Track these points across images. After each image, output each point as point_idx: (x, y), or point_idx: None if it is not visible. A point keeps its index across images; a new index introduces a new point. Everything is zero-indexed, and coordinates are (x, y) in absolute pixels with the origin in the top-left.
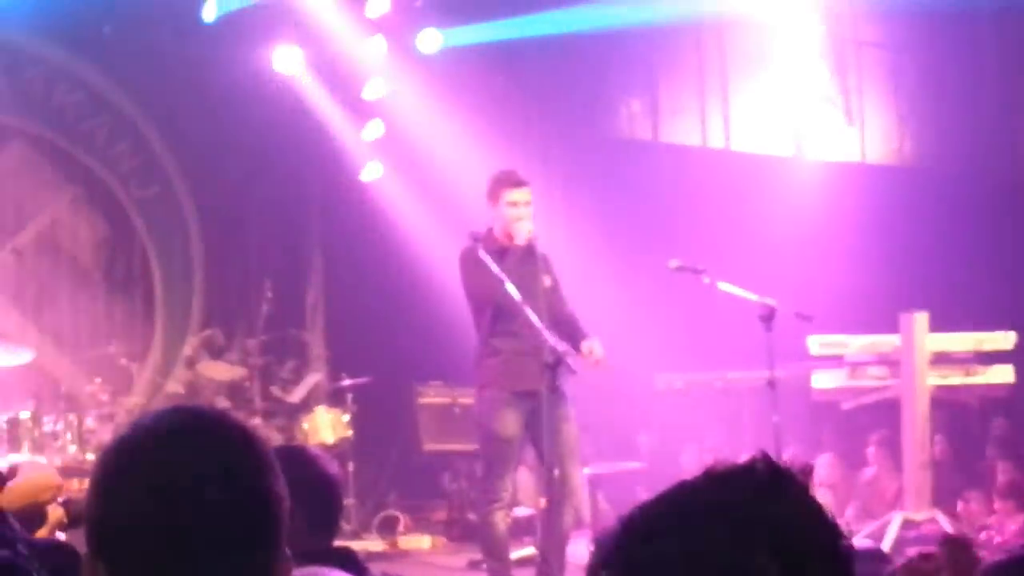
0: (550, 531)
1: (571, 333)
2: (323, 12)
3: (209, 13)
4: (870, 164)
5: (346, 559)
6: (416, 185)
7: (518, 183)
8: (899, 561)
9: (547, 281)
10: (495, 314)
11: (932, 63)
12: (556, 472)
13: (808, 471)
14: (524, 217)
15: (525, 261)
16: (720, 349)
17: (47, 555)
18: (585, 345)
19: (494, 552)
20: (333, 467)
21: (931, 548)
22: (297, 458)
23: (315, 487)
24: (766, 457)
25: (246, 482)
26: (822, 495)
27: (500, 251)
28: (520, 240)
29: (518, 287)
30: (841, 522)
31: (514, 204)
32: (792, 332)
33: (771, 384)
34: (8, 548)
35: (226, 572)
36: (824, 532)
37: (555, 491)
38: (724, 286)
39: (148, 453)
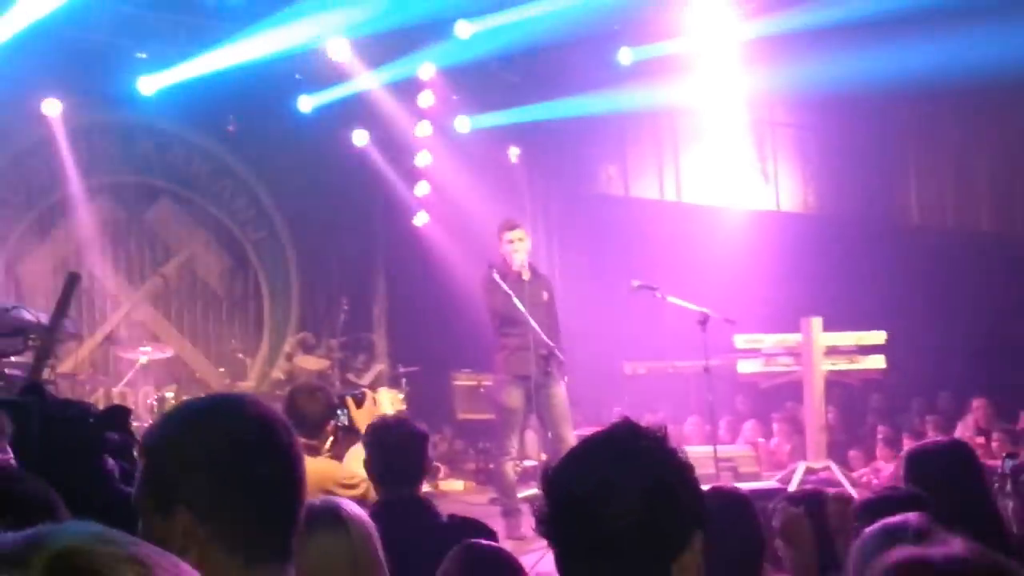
0: None
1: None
2: (387, 104)
3: (305, 105)
4: (783, 212)
5: (421, 504)
6: (452, 228)
7: (512, 226)
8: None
9: (545, 296)
10: (503, 320)
11: (828, 137)
12: (550, 434)
13: (663, 428)
14: (519, 250)
15: (528, 281)
16: (670, 344)
17: None
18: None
19: (505, 492)
20: (408, 431)
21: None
22: (379, 427)
23: (390, 448)
24: (627, 419)
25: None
26: (747, 451)
27: (509, 274)
28: (516, 267)
29: (522, 300)
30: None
31: (511, 241)
32: (723, 332)
33: (706, 370)
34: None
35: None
36: (674, 462)
37: (551, 448)
38: (672, 299)
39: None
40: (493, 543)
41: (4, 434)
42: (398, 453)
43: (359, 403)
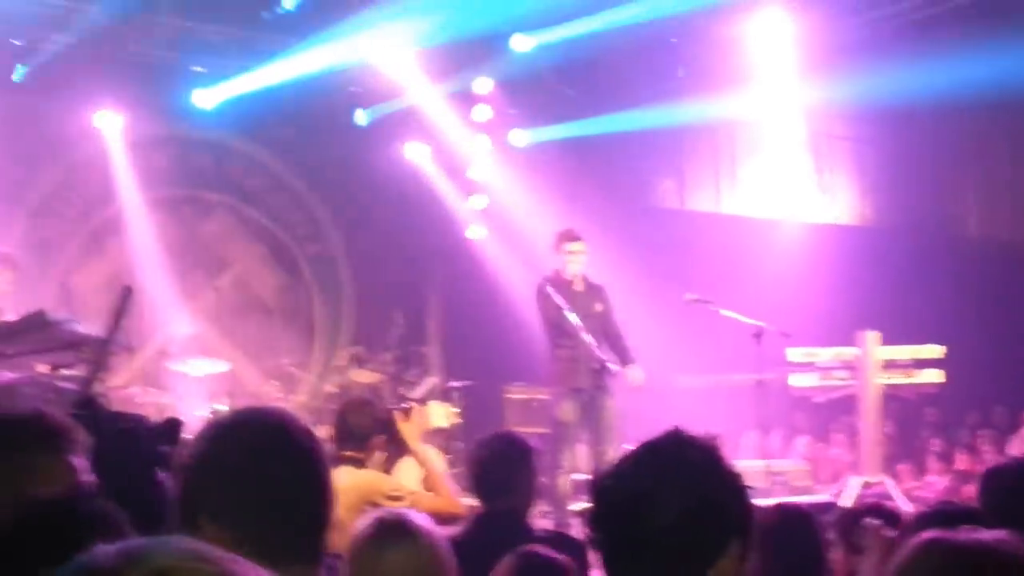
0: None
1: (618, 349)
2: (442, 117)
3: (360, 119)
4: (840, 224)
5: (512, 518)
6: (507, 241)
7: (574, 238)
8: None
9: (598, 307)
10: (558, 332)
11: (885, 149)
12: (600, 447)
13: (715, 437)
14: (574, 261)
15: (582, 293)
16: (724, 358)
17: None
18: (630, 372)
19: (558, 505)
20: (504, 444)
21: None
22: (480, 441)
23: (482, 461)
24: (677, 429)
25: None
26: (800, 465)
27: (564, 286)
28: (568, 276)
29: (576, 312)
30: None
31: (571, 252)
32: (779, 346)
33: (760, 384)
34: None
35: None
36: (719, 472)
37: (594, 461)
38: (727, 312)
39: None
40: (550, 552)
41: (81, 446)
42: (490, 466)
43: (406, 417)
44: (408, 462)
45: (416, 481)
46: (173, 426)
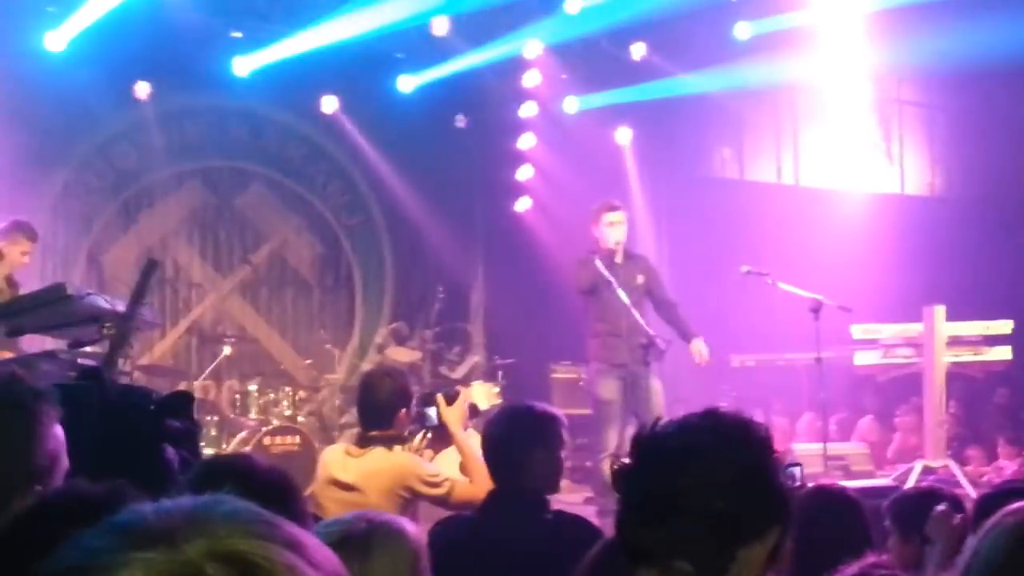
0: None
1: (675, 320)
2: (491, 83)
3: (405, 85)
4: (908, 195)
5: (525, 499)
6: (555, 213)
7: (613, 208)
8: None
9: (640, 279)
10: (596, 304)
11: (957, 117)
12: None
13: (767, 427)
14: (618, 231)
15: (625, 264)
16: (781, 334)
17: None
18: (694, 345)
19: (602, 491)
20: (509, 418)
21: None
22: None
23: (487, 437)
24: (715, 409)
25: None
26: (860, 448)
27: (604, 258)
28: (611, 245)
29: (621, 285)
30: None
31: (610, 223)
32: (839, 323)
33: (818, 361)
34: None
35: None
36: (772, 452)
37: None
38: (783, 285)
39: None
40: None
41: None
42: (498, 441)
43: (450, 400)
44: (451, 451)
45: (456, 467)
46: (182, 400)
